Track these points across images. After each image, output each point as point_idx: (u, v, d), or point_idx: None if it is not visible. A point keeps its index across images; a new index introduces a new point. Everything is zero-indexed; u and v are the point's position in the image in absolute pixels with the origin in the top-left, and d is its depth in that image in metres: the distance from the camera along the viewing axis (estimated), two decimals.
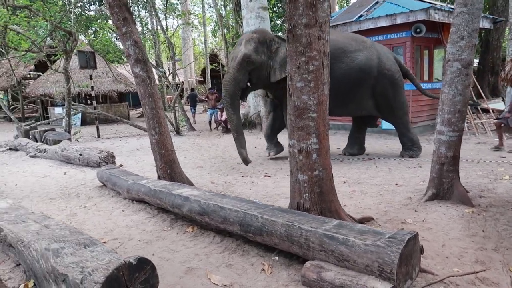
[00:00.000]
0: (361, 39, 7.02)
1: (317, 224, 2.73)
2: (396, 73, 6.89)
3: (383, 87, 6.77)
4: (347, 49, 6.70)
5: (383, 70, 6.75)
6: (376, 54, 6.79)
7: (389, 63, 6.88)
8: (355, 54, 6.68)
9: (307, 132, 3.18)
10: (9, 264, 3.10)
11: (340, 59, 6.60)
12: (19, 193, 5.64)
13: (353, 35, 7.38)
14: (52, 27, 10.60)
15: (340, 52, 6.62)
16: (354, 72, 6.59)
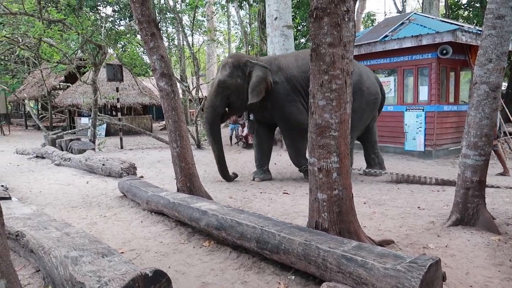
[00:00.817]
0: None
1: (335, 245, 2.68)
2: (373, 94, 6.87)
3: (359, 104, 6.55)
4: None
5: (362, 88, 6.69)
6: (357, 72, 6.58)
7: (369, 82, 6.85)
8: None
9: (328, 151, 3.16)
10: (29, 270, 3.16)
11: None
12: (43, 200, 5.78)
13: None
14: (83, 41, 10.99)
15: None
16: None
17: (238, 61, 6.73)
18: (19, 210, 3.98)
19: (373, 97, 6.84)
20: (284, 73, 6.72)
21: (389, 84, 10.03)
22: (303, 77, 6.56)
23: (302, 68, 6.65)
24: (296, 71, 6.69)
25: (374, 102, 6.92)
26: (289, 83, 6.65)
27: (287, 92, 6.64)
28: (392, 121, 9.87)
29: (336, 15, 3.00)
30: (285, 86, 6.67)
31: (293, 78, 6.67)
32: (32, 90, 21.07)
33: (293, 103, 6.67)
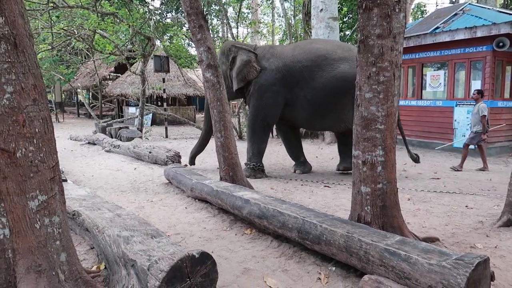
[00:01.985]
0: (348, 47, 6.57)
1: (378, 238, 2.67)
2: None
3: None
4: (330, 56, 6.30)
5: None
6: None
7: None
8: (338, 63, 6.25)
9: (373, 144, 3.13)
10: (84, 247, 3.39)
11: (321, 67, 6.25)
12: (95, 183, 6.12)
13: (340, 43, 6.95)
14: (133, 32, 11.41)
15: (322, 60, 6.29)
16: (335, 81, 6.18)
17: (224, 47, 6.76)
18: (74, 191, 4.26)
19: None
20: (277, 61, 6.54)
21: (438, 78, 9.65)
22: (296, 67, 6.37)
23: (297, 57, 6.42)
24: (290, 60, 6.47)
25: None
26: (279, 72, 6.47)
27: (274, 81, 6.45)
28: (440, 116, 9.50)
29: (387, 6, 2.95)
30: (273, 75, 6.47)
31: (285, 67, 6.47)
32: (84, 80, 22.16)
33: (273, 93, 6.46)
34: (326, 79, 6.22)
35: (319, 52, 6.37)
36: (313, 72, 6.27)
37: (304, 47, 6.63)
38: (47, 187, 2.28)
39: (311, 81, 6.27)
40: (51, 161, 2.32)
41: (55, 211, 2.33)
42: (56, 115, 20.84)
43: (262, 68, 6.53)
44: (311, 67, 6.30)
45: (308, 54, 6.43)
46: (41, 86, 2.32)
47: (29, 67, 2.24)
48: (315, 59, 6.31)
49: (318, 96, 6.26)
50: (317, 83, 6.25)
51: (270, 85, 6.46)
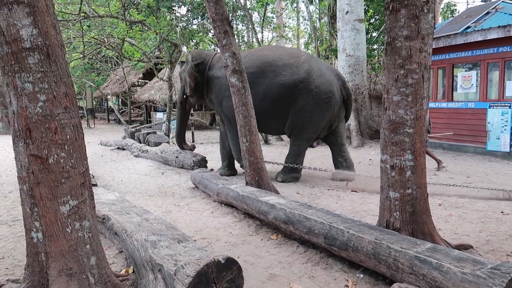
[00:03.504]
0: (296, 54, 6.71)
1: (408, 245, 2.59)
2: (324, 93, 6.32)
3: (305, 103, 6.33)
4: (275, 63, 6.49)
5: (310, 86, 6.31)
6: (305, 69, 6.37)
7: (319, 81, 6.35)
8: (281, 69, 6.42)
9: (402, 148, 3.05)
10: (113, 250, 3.46)
11: (265, 73, 6.45)
12: (124, 188, 6.26)
13: (291, 50, 7.13)
14: (160, 39, 11.65)
15: (266, 66, 6.49)
16: (276, 87, 6.36)
17: (188, 56, 7.28)
18: (104, 196, 4.36)
19: (323, 96, 6.34)
20: None
21: (470, 79, 9.33)
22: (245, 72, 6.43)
23: (245, 64, 6.38)
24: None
25: (326, 101, 6.37)
26: None
27: (226, 87, 6.41)
28: (472, 118, 9.18)
29: (415, 7, 2.88)
30: (225, 82, 6.42)
31: None
32: (114, 87, 22.78)
33: (229, 97, 6.35)
34: (268, 85, 6.43)
35: (265, 59, 6.60)
36: (257, 79, 6.46)
37: (254, 54, 6.92)
38: (77, 192, 2.35)
39: (256, 87, 6.43)
40: (81, 167, 2.39)
41: (86, 215, 2.39)
42: (87, 121, 21.50)
43: (216, 76, 6.90)
44: (256, 74, 6.49)
45: (255, 61, 6.66)
46: (72, 94, 2.39)
47: (61, 76, 2.32)
48: (260, 65, 6.54)
49: (262, 101, 6.39)
50: (260, 89, 6.45)
51: (224, 90, 6.71)
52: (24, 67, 2.19)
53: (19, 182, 2.32)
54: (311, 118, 6.44)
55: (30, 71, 2.20)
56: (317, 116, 6.42)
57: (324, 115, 6.49)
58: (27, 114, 2.21)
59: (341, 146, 7.00)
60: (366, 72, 12.88)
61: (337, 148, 7.00)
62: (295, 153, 6.68)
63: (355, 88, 12.06)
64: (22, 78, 2.20)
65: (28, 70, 2.20)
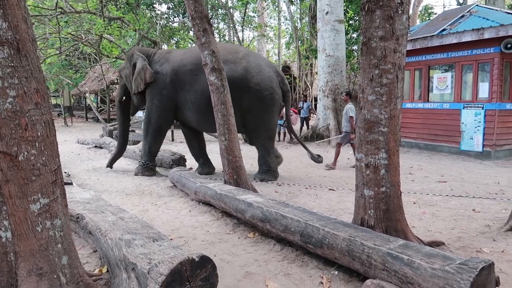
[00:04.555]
0: (234, 50, 6.68)
1: (381, 242, 2.64)
2: (266, 89, 6.31)
3: (249, 102, 6.33)
4: None
5: (249, 84, 6.29)
6: (243, 66, 6.35)
7: (259, 78, 6.34)
8: None
9: (376, 147, 3.10)
10: (87, 250, 3.40)
11: (201, 71, 6.17)
12: (100, 186, 6.15)
13: (228, 46, 7.05)
14: (140, 37, 11.50)
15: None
16: None
17: (130, 52, 7.12)
18: (79, 194, 4.28)
19: (266, 93, 6.33)
20: (168, 65, 6.79)
21: (445, 81, 9.57)
22: (182, 71, 6.60)
23: (184, 61, 6.63)
24: (178, 64, 6.68)
25: (270, 98, 6.38)
26: (169, 76, 6.71)
27: (164, 85, 6.72)
28: (447, 119, 9.41)
29: (389, 8, 2.93)
30: (164, 79, 6.72)
31: (172, 71, 6.68)
32: (92, 84, 22.37)
33: (162, 97, 6.75)
34: (205, 82, 6.22)
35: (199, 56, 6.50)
36: (196, 76, 6.45)
37: (192, 51, 6.83)
38: (48, 190, 2.29)
39: (194, 84, 6.50)
40: (53, 164, 2.34)
41: (57, 214, 2.34)
42: (65, 119, 21.03)
43: (156, 72, 6.81)
44: (194, 71, 6.50)
45: (193, 58, 6.60)
46: (44, 90, 2.34)
47: (32, 72, 2.26)
48: (198, 62, 6.33)
49: (200, 99, 6.44)
50: (198, 86, 6.43)
51: (161, 88, 6.75)
52: None
53: None
54: (261, 117, 6.45)
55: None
56: (266, 114, 6.42)
57: (272, 111, 6.51)
58: None
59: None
60: (346, 72, 13.04)
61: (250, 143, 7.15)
62: (264, 154, 6.67)
63: (334, 88, 12.19)
64: None
65: None
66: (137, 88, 6.86)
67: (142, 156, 7.15)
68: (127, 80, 7.19)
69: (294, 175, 7.12)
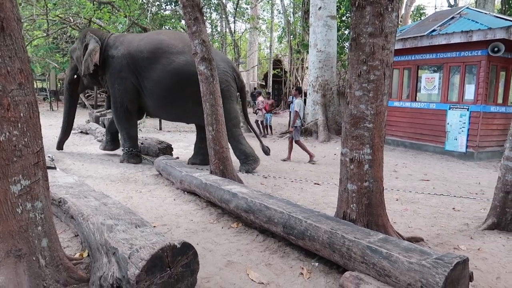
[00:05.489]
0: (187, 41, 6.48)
1: (361, 236, 2.69)
2: (223, 83, 6.25)
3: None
4: (169, 50, 6.43)
5: None
6: None
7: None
8: (174, 56, 6.38)
9: (361, 142, 3.14)
10: (69, 234, 3.38)
11: (158, 60, 6.38)
12: (85, 172, 6.10)
13: (185, 37, 6.90)
14: (130, 23, 11.33)
15: (160, 53, 6.42)
16: (169, 76, 6.33)
17: (83, 33, 7.06)
18: (62, 179, 4.24)
19: (223, 86, 6.22)
20: (123, 49, 6.70)
21: (433, 81, 9.68)
22: (139, 57, 6.54)
23: (140, 47, 6.58)
24: (134, 49, 6.60)
25: (227, 90, 6.42)
26: (124, 59, 6.63)
27: (121, 68, 6.67)
28: (433, 119, 9.54)
29: (380, 5, 2.95)
30: (120, 62, 6.67)
31: (128, 55, 6.61)
32: None
33: (123, 80, 6.68)
34: (162, 71, 6.37)
35: (160, 44, 6.50)
36: (152, 64, 6.44)
37: (149, 38, 6.80)
38: (30, 172, 2.27)
39: (151, 72, 6.51)
40: (35, 146, 2.31)
41: (38, 196, 2.32)
42: (50, 104, 20.68)
43: (111, 56, 6.75)
44: (150, 59, 6.47)
45: (150, 45, 6.56)
46: (28, 70, 2.30)
47: (16, 51, 2.22)
48: (154, 51, 6.43)
49: (157, 87, 6.45)
50: (155, 75, 6.43)
51: (118, 71, 6.69)
52: None
53: None
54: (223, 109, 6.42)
55: None
56: (226, 105, 6.31)
57: (231, 101, 6.59)
58: None
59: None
60: (336, 68, 13.09)
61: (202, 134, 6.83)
62: (235, 144, 6.60)
63: (324, 83, 12.23)
64: None
65: None
66: (87, 69, 6.75)
67: (124, 144, 7.09)
68: (78, 61, 7.08)
69: (280, 168, 7.16)
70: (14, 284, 2.09)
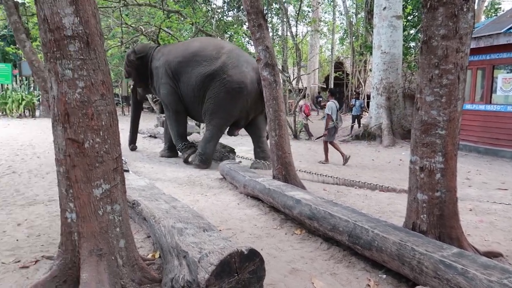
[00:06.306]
0: (220, 46, 7.21)
1: (433, 249, 2.55)
2: (237, 83, 6.73)
3: (216, 90, 6.82)
4: (198, 54, 7.02)
5: (222, 75, 6.77)
6: (223, 60, 6.84)
7: (234, 71, 6.78)
8: (203, 60, 6.94)
9: (432, 150, 2.98)
10: (141, 235, 3.59)
11: (188, 63, 7.03)
12: (154, 175, 6.43)
13: (216, 42, 7.66)
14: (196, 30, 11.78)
15: (191, 57, 7.05)
16: (194, 76, 6.94)
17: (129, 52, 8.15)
18: (135, 182, 4.51)
19: (235, 86, 6.74)
20: (163, 58, 7.48)
21: (511, 82, 8.94)
22: (174, 62, 7.24)
23: (176, 53, 7.32)
24: (171, 57, 7.33)
25: (238, 91, 6.76)
26: (163, 67, 7.39)
27: (161, 75, 7.43)
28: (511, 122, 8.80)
29: (454, 5, 2.79)
30: (161, 71, 7.43)
31: (167, 63, 7.35)
32: None
33: (165, 85, 7.39)
34: (190, 74, 7.02)
35: (191, 49, 7.18)
36: (183, 68, 7.10)
37: (184, 45, 7.66)
38: (110, 177, 2.45)
39: (182, 76, 7.14)
40: (114, 152, 2.49)
41: (117, 199, 2.49)
42: (122, 109, 22.09)
43: (155, 67, 7.63)
44: (182, 63, 7.15)
45: (184, 51, 7.29)
46: (109, 82, 2.49)
47: (99, 64, 2.41)
48: (187, 55, 7.11)
49: (187, 89, 7.10)
50: (185, 78, 7.08)
51: (160, 79, 7.48)
52: (65, 54, 2.29)
53: (56, 164, 2.44)
54: (221, 105, 6.84)
55: (70, 58, 2.30)
56: (227, 103, 6.79)
57: (235, 103, 6.85)
58: (66, 100, 2.32)
59: (259, 137, 7.48)
60: (401, 70, 12.57)
61: (255, 138, 7.56)
62: (206, 138, 7.13)
63: (388, 86, 11.80)
64: (63, 64, 2.30)
65: (68, 57, 2.30)
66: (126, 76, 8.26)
67: (175, 143, 7.76)
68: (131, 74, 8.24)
69: (343, 174, 7.01)
70: (96, 281, 2.27)
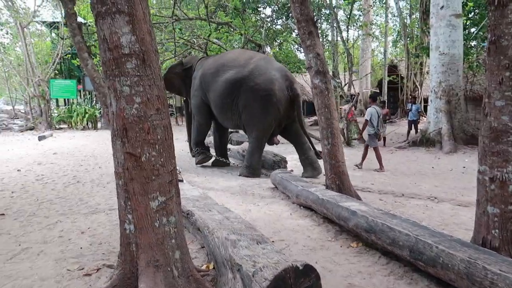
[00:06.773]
0: (250, 56, 7.32)
1: (508, 268, 2.32)
2: (265, 90, 6.74)
3: (246, 100, 6.89)
4: (228, 63, 7.21)
5: (250, 83, 6.81)
6: (251, 68, 6.91)
7: (261, 78, 6.80)
8: (230, 68, 7.09)
9: (504, 159, 2.74)
10: (196, 245, 3.62)
11: (218, 73, 7.22)
12: (207, 184, 6.53)
13: (248, 53, 7.78)
14: (245, 40, 11.94)
15: (221, 66, 7.25)
16: (221, 83, 7.08)
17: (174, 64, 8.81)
18: (189, 192, 4.59)
19: (263, 93, 6.75)
20: (200, 70, 7.85)
21: None
22: (208, 73, 7.49)
23: (210, 65, 7.59)
24: (206, 68, 7.62)
25: (266, 98, 6.76)
26: (199, 79, 7.72)
27: (196, 87, 7.82)
28: None
29: None
30: (197, 82, 7.79)
31: (202, 74, 7.66)
32: None
33: (196, 97, 7.84)
34: (219, 83, 7.18)
35: (223, 60, 7.43)
36: (214, 77, 7.31)
37: (219, 56, 7.99)
38: (165, 189, 2.49)
39: (212, 85, 7.35)
40: (169, 165, 2.53)
41: (172, 211, 2.53)
42: (176, 119, 22.84)
43: (194, 78, 8.05)
44: (214, 73, 7.38)
45: (216, 61, 7.58)
46: (164, 96, 2.54)
47: (154, 80, 2.47)
48: (218, 66, 7.36)
49: (216, 97, 7.29)
50: (215, 86, 7.26)
51: (194, 90, 7.91)
52: (123, 71, 2.38)
53: (115, 177, 2.53)
54: (255, 115, 6.95)
55: (128, 75, 2.38)
56: (259, 112, 6.87)
57: (267, 111, 6.82)
58: (124, 115, 2.40)
59: (301, 144, 7.38)
60: (462, 71, 11.86)
61: (297, 146, 7.47)
62: (249, 151, 7.28)
63: (448, 89, 11.17)
64: (121, 81, 2.39)
65: (126, 74, 2.38)
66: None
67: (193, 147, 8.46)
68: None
69: (400, 183, 6.69)
70: None
